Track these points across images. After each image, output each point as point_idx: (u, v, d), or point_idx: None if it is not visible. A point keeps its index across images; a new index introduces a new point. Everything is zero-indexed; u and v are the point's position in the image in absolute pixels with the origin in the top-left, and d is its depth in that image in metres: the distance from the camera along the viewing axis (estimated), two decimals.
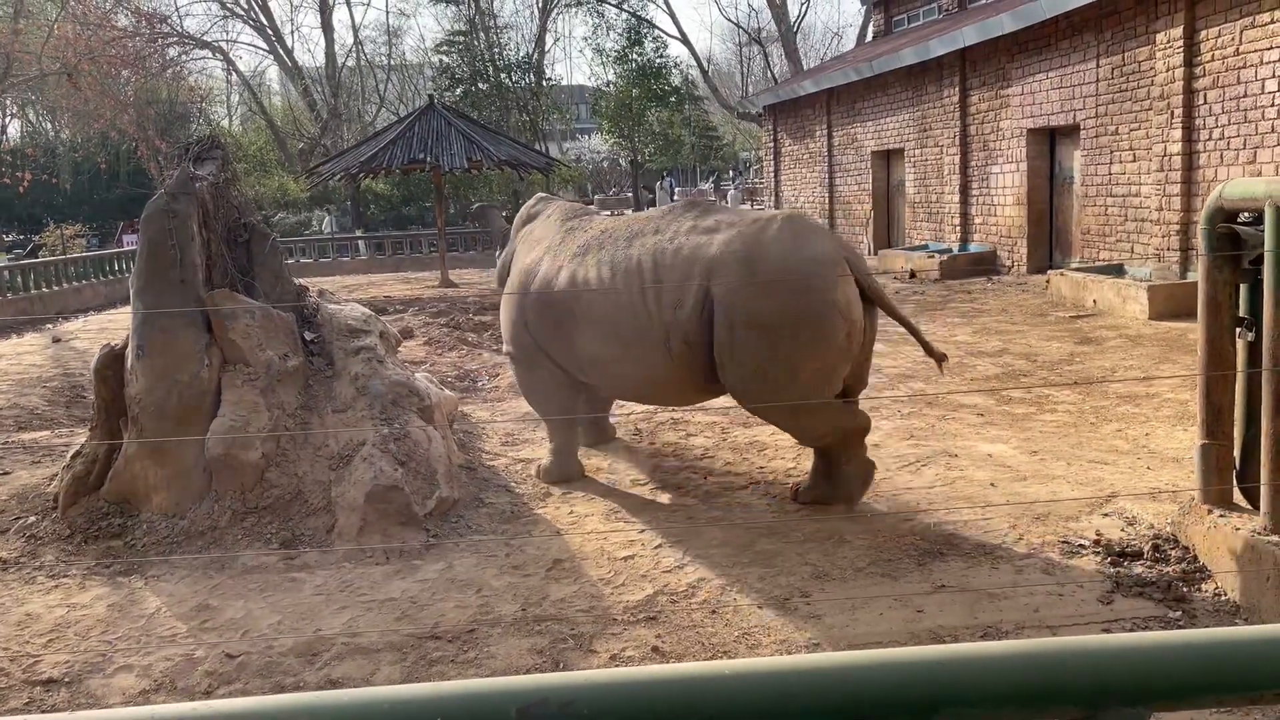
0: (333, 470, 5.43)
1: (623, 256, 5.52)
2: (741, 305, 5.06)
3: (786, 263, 5.06)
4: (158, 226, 5.45)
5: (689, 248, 5.30)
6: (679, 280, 5.25)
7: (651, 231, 5.56)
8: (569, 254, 5.85)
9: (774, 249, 5.11)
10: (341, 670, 4.05)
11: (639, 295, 5.36)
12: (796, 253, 5.10)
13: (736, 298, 5.06)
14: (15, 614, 4.61)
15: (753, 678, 1.44)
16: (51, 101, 32.75)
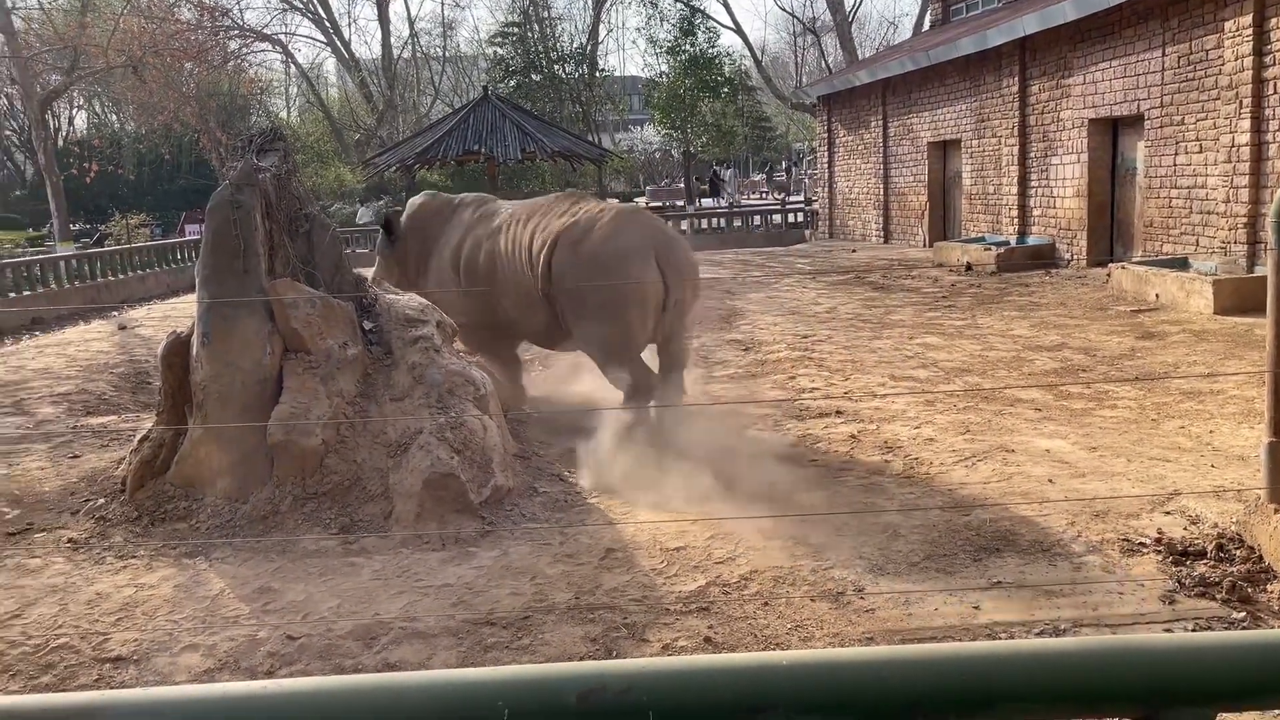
0: (390, 457, 5.52)
1: (519, 233, 7.22)
2: (568, 275, 6.82)
3: (600, 246, 6.78)
4: (222, 217, 5.57)
5: (551, 229, 6.98)
6: (542, 254, 6.96)
7: (540, 214, 7.22)
8: (487, 232, 7.43)
9: (596, 234, 6.81)
10: (399, 654, 4.12)
11: (526, 265, 7.08)
12: (610, 240, 6.77)
13: (564, 269, 6.85)
14: (86, 593, 4.76)
15: (808, 669, 1.46)
16: (117, 94, 33.53)
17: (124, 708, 1.60)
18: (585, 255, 6.76)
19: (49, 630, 4.39)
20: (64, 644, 4.28)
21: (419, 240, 7.82)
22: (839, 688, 1.39)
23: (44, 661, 4.15)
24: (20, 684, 4.03)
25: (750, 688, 1.55)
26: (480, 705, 1.54)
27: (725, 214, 26.61)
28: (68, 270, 18.92)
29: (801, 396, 7.94)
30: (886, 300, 13.03)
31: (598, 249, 6.75)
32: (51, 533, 5.59)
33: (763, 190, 44.56)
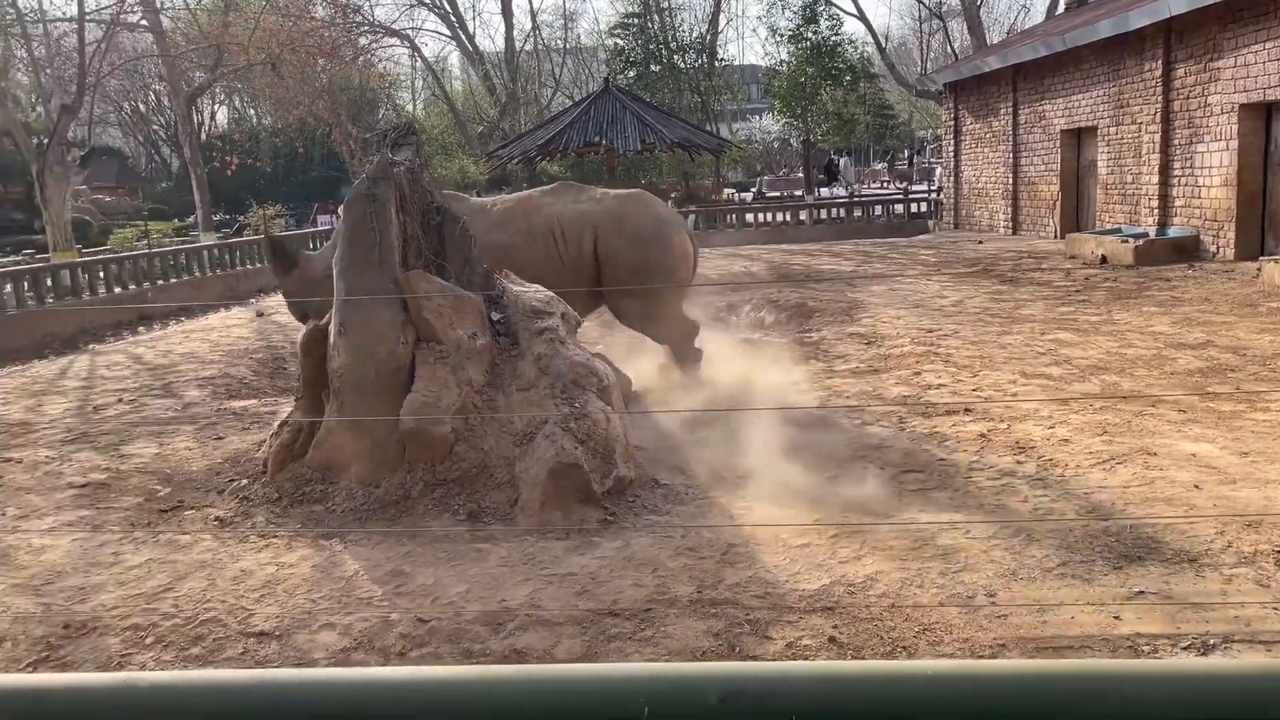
0: (517, 446, 5.62)
1: (538, 221, 7.81)
2: (621, 252, 7.71)
3: (642, 222, 7.82)
4: (359, 211, 5.76)
5: (581, 215, 7.74)
6: (577, 236, 7.74)
7: (548, 205, 7.91)
8: (484, 226, 7.62)
9: (632, 213, 7.83)
10: (525, 641, 4.20)
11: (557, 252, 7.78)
12: (647, 215, 7.89)
13: (616, 247, 7.72)
14: (231, 569, 4.99)
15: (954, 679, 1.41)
16: (256, 90, 34.97)
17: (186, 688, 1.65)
18: (631, 232, 7.81)
19: (198, 604, 4.63)
20: (212, 618, 4.50)
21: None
22: (986, 701, 1.35)
23: (194, 634, 4.37)
24: (172, 655, 4.26)
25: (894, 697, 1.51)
26: (620, 701, 1.55)
27: (845, 204, 26.18)
28: (210, 259, 19.88)
29: (927, 393, 7.75)
30: (1015, 294, 12.61)
31: (641, 224, 7.84)
32: (199, 510, 5.89)
33: (883, 179, 43.68)
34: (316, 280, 7.80)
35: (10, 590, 4.80)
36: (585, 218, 7.80)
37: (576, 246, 7.79)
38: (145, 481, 6.54)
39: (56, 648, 4.28)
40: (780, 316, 12.18)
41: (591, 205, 7.86)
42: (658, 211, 8.04)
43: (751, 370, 8.94)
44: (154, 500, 6.18)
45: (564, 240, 7.82)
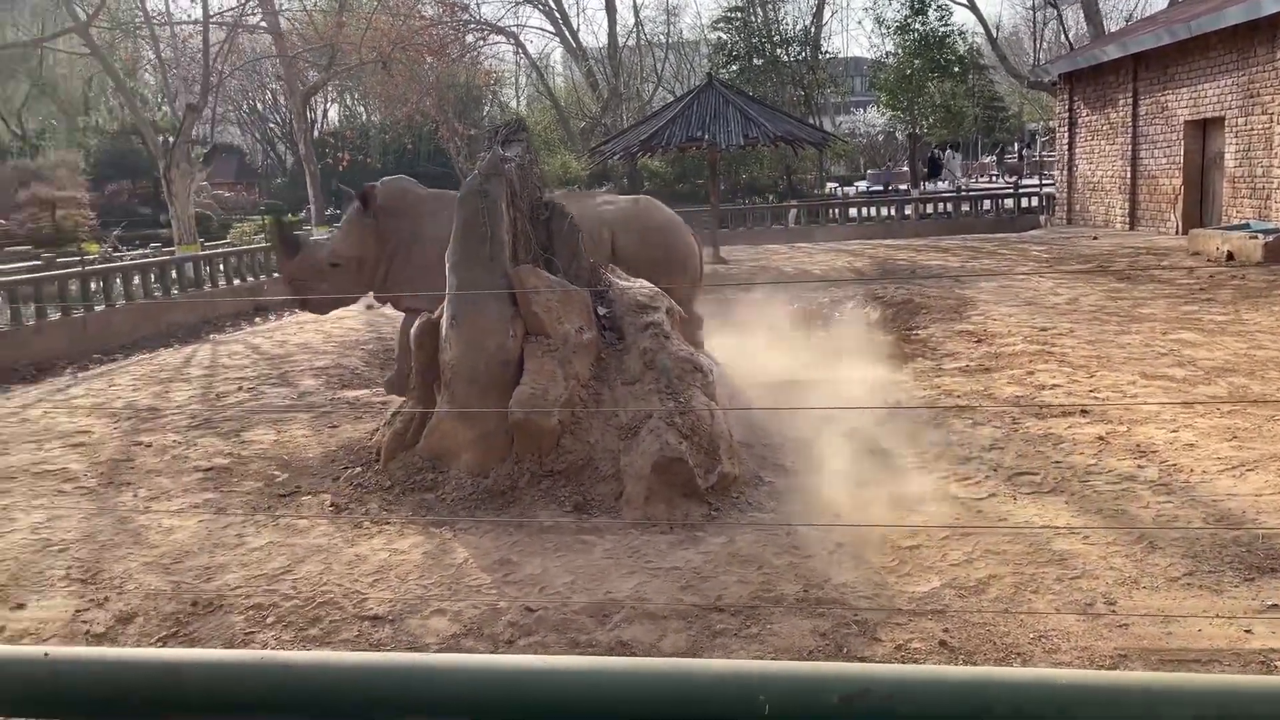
0: (622, 440, 5.65)
1: None
2: (641, 252, 8.09)
3: (655, 222, 8.45)
4: (472, 207, 5.87)
5: (599, 219, 8.15)
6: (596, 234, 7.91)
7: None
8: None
9: (644, 215, 8.43)
10: (631, 633, 4.23)
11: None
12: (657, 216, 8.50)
13: (634, 247, 8.14)
14: (346, 554, 5.15)
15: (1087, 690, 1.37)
16: (366, 88, 35.92)
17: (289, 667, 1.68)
18: (644, 230, 8.38)
19: (315, 586, 4.78)
20: (329, 600, 4.65)
21: (405, 224, 8.19)
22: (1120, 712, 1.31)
23: (312, 615, 4.53)
24: (291, 635, 4.42)
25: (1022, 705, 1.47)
26: (739, 697, 1.54)
27: (952, 198, 25.56)
28: None
29: (1041, 393, 7.52)
30: (1134, 292, 12.14)
31: (652, 224, 8.49)
32: (316, 496, 6.09)
33: (992, 173, 42.50)
34: (315, 268, 8.15)
35: (142, 568, 5.04)
36: (603, 219, 8.27)
37: (594, 246, 8.15)
38: (265, 467, 6.79)
39: (185, 624, 4.48)
40: (886, 313, 11.98)
41: (607, 208, 8.46)
42: (666, 213, 8.75)
43: (855, 367, 8.81)
44: (273, 485, 6.41)
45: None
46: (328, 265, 8.08)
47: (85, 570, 5.02)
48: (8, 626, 4.47)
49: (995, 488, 5.63)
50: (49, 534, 5.51)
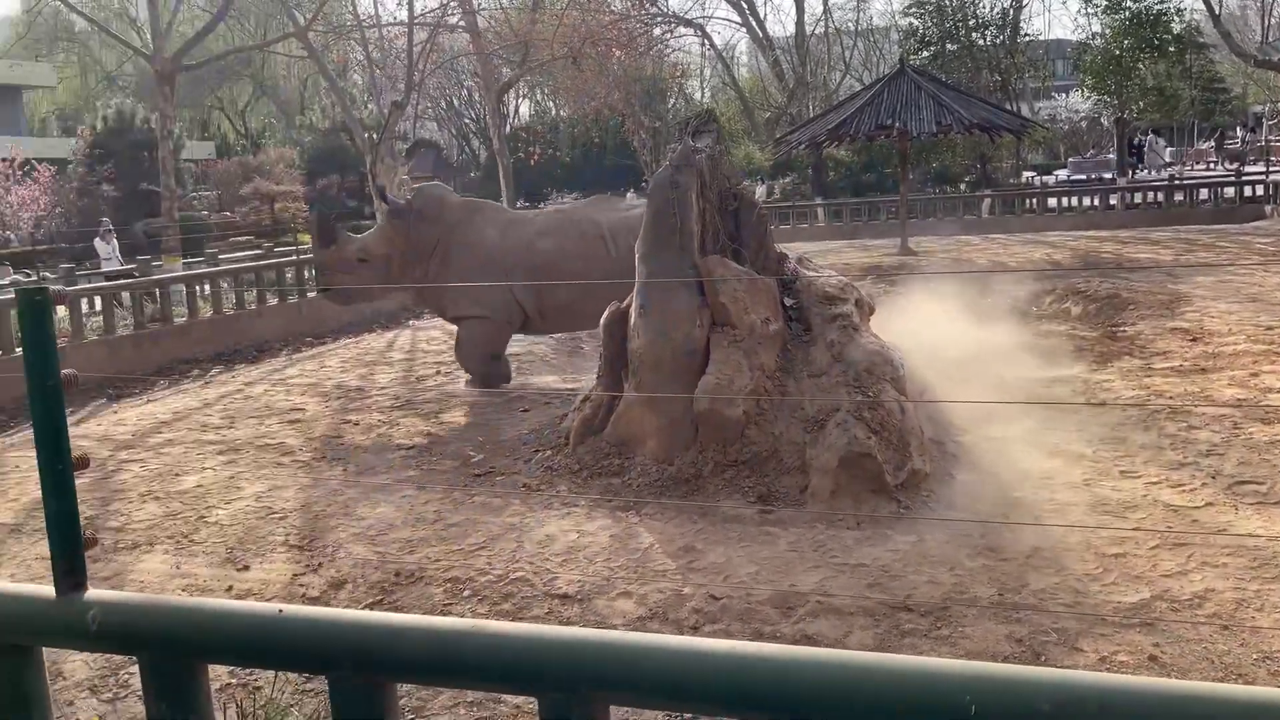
0: (807, 433, 5.60)
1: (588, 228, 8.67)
2: None
3: None
4: (662, 197, 5.93)
5: (625, 218, 8.51)
6: (628, 238, 7.83)
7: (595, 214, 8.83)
8: (530, 234, 8.70)
9: None
10: (815, 627, 4.19)
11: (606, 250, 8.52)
12: None
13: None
14: (537, 534, 5.32)
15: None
16: (557, 83, 36.85)
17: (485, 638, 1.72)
18: None
19: (508, 563, 4.97)
20: (520, 577, 4.82)
21: (438, 229, 8.57)
22: None
23: (505, 591, 4.71)
24: (486, 609, 4.61)
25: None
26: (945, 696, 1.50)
27: (1164, 187, 23.89)
28: None
29: (1267, 396, 6.95)
30: None
31: None
32: (509, 477, 6.32)
33: (1210, 160, 39.42)
34: (349, 260, 8.50)
35: (351, 538, 5.38)
36: (630, 222, 8.56)
37: (627, 249, 8.51)
38: (461, 448, 7.10)
39: (390, 592, 4.75)
40: (1089, 308, 11.34)
41: (637, 212, 8.75)
42: None
43: (1055, 364, 8.40)
44: (469, 465, 6.70)
45: (614, 242, 8.64)
46: (355, 260, 8.51)
47: (302, 537, 5.40)
48: (235, 586, 4.87)
49: (1213, 496, 5.25)
50: (270, 503, 5.96)
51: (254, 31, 39.80)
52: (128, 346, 11.98)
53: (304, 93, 51.66)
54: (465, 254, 8.56)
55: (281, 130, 51.79)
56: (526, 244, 8.68)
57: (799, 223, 25.95)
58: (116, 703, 3.85)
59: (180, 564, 5.17)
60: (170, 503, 6.07)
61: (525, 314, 8.78)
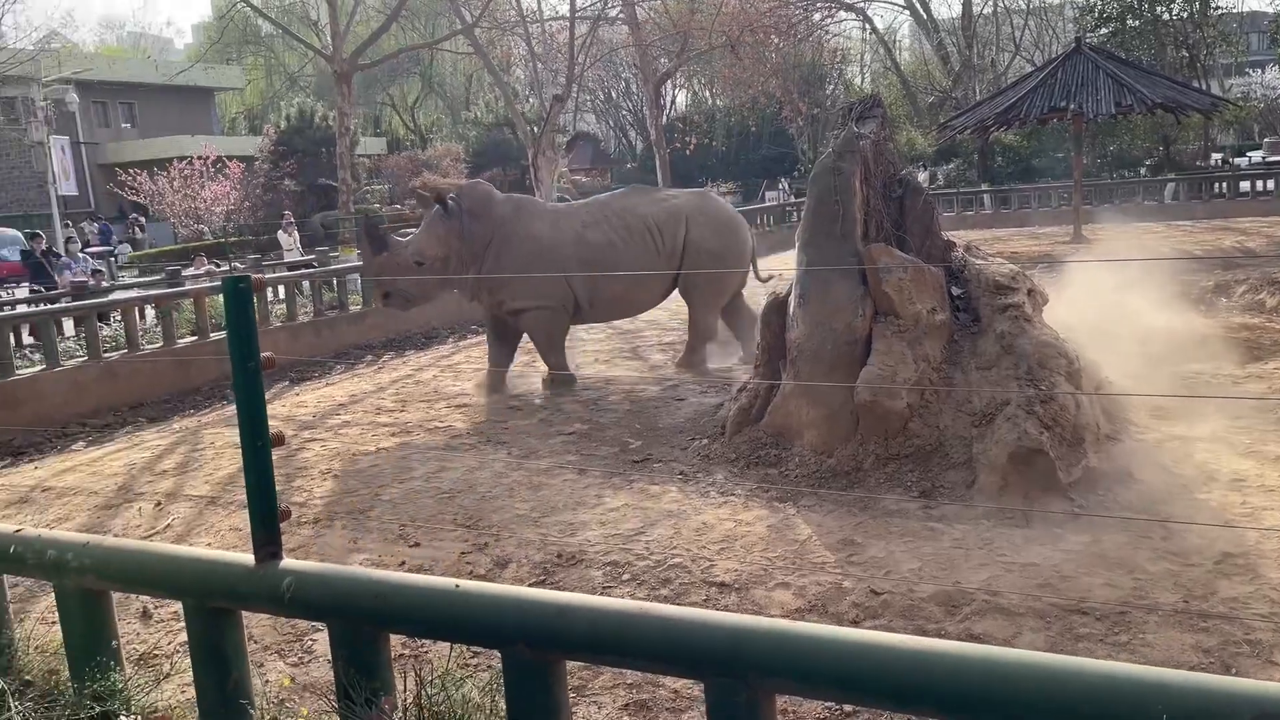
0: (974, 427, 5.42)
1: (632, 220, 8.93)
2: (709, 238, 9.06)
3: (722, 214, 9.46)
4: (824, 184, 5.85)
5: (674, 210, 9.05)
6: (673, 229, 8.96)
7: (638, 206, 9.07)
8: (578, 226, 8.82)
9: (712, 207, 9.42)
10: (982, 626, 4.05)
11: (653, 244, 8.91)
12: (724, 209, 9.64)
13: (704, 234, 9.05)
14: (694, 521, 5.35)
15: None
16: (714, 72, 36.80)
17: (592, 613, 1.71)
18: (714, 222, 9.20)
19: (666, 549, 5.02)
20: (678, 564, 4.86)
21: (489, 226, 8.61)
22: None
23: (663, 576, 4.75)
24: (645, 593, 4.66)
25: None
26: (1135, 704, 1.42)
27: None
28: None
29: None
30: None
31: (720, 216, 9.38)
32: (666, 464, 6.38)
33: None
34: (406, 265, 8.45)
35: (515, 519, 5.54)
36: (677, 212, 9.05)
37: (672, 238, 8.97)
38: (619, 435, 7.21)
39: (551, 573, 4.87)
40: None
41: (678, 201, 9.26)
42: (730, 208, 9.89)
43: (1245, 359, 7.84)
44: (627, 452, 6.79)
45: (660, 234, 8.93)
46: (413, 264, 8.49)
47: (469, 517, 5.60)
48: (407, 561, 5.10)
49: None
50: (439, 483, 6.21)
51: (423, 31, 41.35)
52: (308, 333, 12.71)
53: (469, 89, 53.37)
54: (520, 248, 8.64)
55: (448, 125, 53.68)
56: (576, 236, 8.79)
57: (964, 210, 25.12)
58: (302, 667, 4.10)
59: (357, 539, 5.45)
60: (347, 480, 6.40)
61: (577, 304, 8.92)
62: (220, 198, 34.11)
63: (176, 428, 8.98)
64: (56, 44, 40.37)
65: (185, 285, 13.51)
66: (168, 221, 35.55)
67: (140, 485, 6.74)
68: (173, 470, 7.07)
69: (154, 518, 6.05)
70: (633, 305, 9.46)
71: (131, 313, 11.40)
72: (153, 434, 8.77)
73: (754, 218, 24.92)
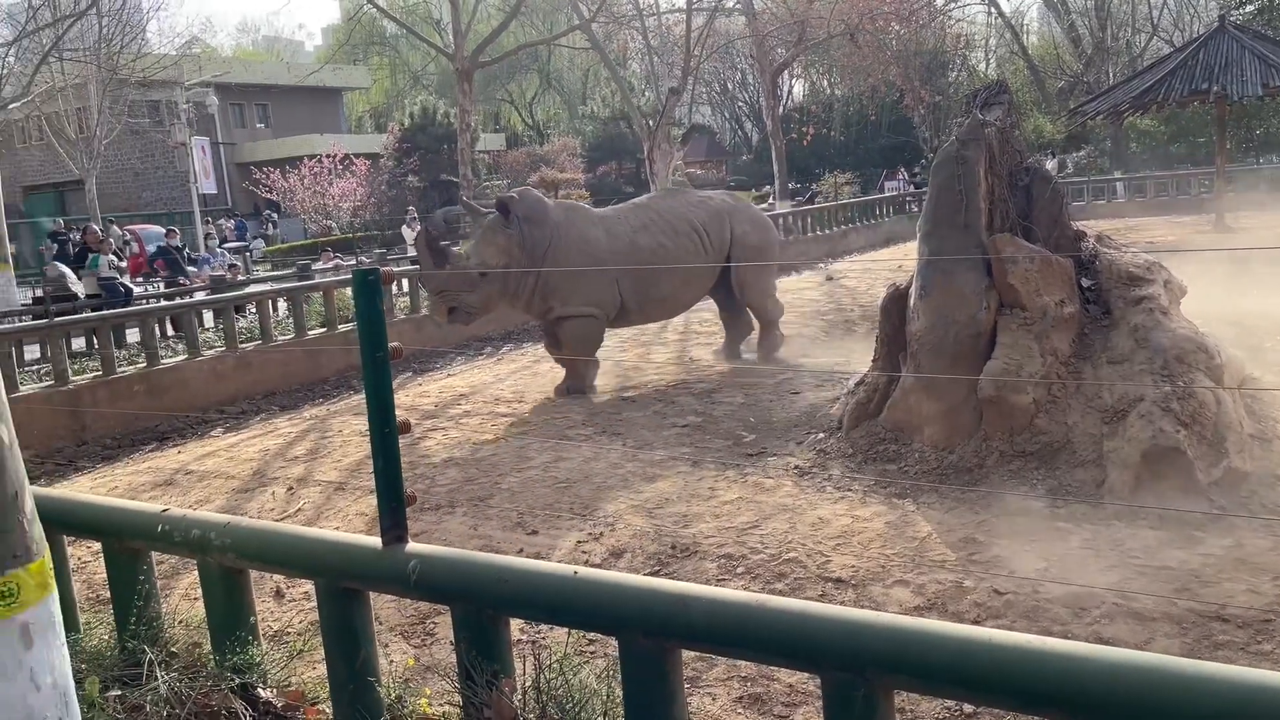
0: (1105, 424, 5.21)
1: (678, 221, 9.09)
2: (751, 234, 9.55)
3: (757, 213, 10.28)
4: (948, 173, 5.70)
5: (715, 211, 9.39)
6: (718, 228, 9.28)
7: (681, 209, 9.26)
8: (629, 231, 8.87)
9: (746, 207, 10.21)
10: (1112, 631, 3.91)
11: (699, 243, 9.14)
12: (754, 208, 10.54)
13: (747, 230, 9.51)
14: (809, 516, 5.30)
15: None
16: (832, 61, 36.25)
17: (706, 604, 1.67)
18: (753, 219, 9.80)
19: (780, 544, 4.98)
20: (793, 558, 4.82)
21: (545, 232, 8.48)
22: None
23: (777, 570, 4.73)
24: (759, 587, 4.64)
25: None
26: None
27: None
28: (783, 226, 21.15)
29: None
30: None
31: (756, 214, 10.10)
32: (781, 458, 6.33)
33: None
34: (467, 278, 8.19)
35: (630, 510, 5.58)
36: (721, 212, 9.38)
37: (719, 236, 9.26)
38: (733, 427, 7.19)
39: (665, 564, 4.90)
40: None
41: (717, 203, 9.62)
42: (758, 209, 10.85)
43: None
44: (741, 445, 6.77)
45: (707, 233, 9.16)
46: (477, 275, 8.21)
47: (584, 507, 5.68)
48: (524, 549, 5.20)
49: None
50: (556, 473, 6.31)
51: (541, 27, 41.95)
52: (430, 325, 13.04)
53: (586, 83, 53.91)
54: (576, 253, 8.52)
55: (565, 120, 54.37)
56: (630, 241, 8.80)
57: (1095, 199, 24.15)
58: (424, 649, 4.23)
59: (476, 525, 5.58)
60: (468, 469, 6.56)
61: (623, 306, 8.88)
62: (347, 194, 35.35)
63: (307, 416, 9.36)
64: (197, 49, 42.45)
65: (315, 279, 14.04)
66: (298, 217, 37.04)
67: (273, 470, 7.05)
68: (303, 456, 7.37)
69: (286, 501, 6.32)
70: (679, 305, 9.61)
71: (265, 305, 11.92)
72: (284, 421, 9.16)
73: (871, 209, 24.50)
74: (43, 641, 2.00)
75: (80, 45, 27.12)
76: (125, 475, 7.57)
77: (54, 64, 23.80)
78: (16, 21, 26.58)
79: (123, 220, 30.23)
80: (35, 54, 22.40)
